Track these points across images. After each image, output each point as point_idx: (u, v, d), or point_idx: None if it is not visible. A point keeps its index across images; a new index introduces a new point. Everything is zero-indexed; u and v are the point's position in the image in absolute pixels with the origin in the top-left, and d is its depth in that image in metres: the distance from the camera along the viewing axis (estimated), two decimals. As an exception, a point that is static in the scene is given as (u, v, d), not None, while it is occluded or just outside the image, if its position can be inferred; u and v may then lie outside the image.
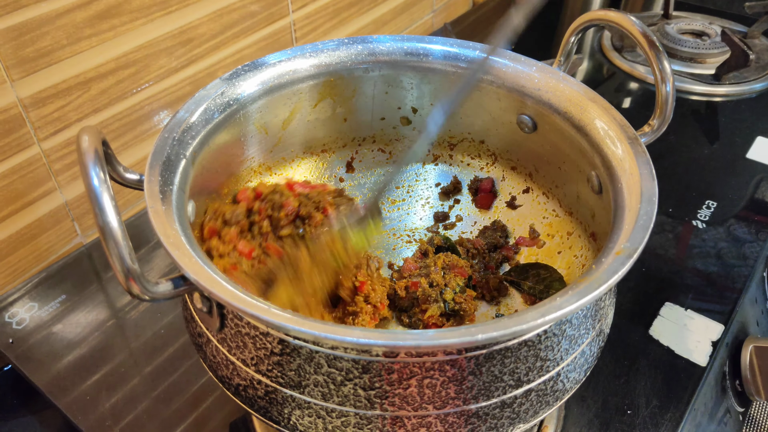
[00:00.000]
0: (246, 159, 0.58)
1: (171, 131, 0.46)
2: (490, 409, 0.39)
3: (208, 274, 0.36)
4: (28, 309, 0.66)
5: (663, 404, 0.57)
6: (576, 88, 0.53)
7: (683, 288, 0.69)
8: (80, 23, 0.63)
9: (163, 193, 0.41)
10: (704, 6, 1.25)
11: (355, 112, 0.62)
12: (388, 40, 0.59)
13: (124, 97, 0.71)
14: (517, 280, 0.57)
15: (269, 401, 0.41)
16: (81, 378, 0.60)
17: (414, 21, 1.16)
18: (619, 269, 0.37)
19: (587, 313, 0.42)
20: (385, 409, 0.38)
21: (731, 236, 0.75)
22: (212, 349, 0.43)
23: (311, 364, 0.38)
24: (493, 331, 0.33)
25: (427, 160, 0.66)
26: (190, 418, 0.57)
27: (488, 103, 0.59)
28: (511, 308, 0.57)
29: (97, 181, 0.33)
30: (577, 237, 0.56)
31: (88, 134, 0.35)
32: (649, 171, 0.44)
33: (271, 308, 0.35)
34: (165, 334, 0.64)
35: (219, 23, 0.77)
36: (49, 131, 0.65)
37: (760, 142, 0.90)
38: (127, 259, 0.33)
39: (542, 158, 0.59)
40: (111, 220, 0.33)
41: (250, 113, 0.55)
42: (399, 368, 0.37)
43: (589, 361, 0.44)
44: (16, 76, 0.60)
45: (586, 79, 1.06)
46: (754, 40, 1.11)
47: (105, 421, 0.56)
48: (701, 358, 0.61)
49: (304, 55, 0.57)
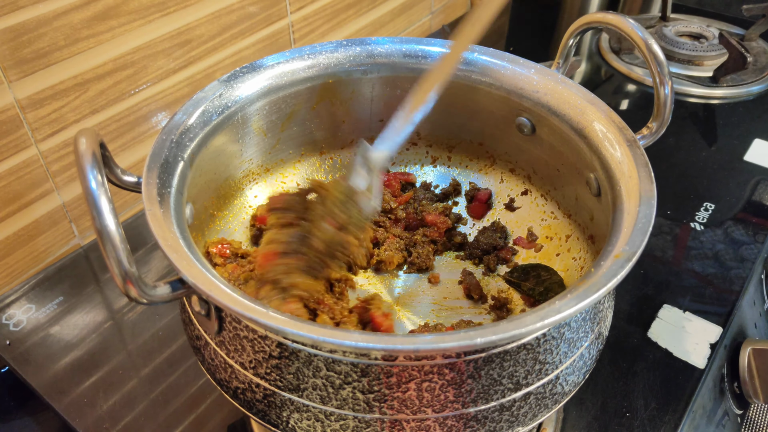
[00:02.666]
0: (244, 161, 0.57)
1: (169, 133, 0.46)
2: (488, 412, 0.39)
3: (206, 278, 0.36)
4: (25, 311, 0.66)
5: (661, 406, 0.57)
6: (575, 90, 0.53)
7: (681, 290, 0.69)
8: (78, 24, 0.63)
9: (161, 196, 0.41)
10: (702, 8, 1.25)
11: (353, 114, 0.62)
12: (387, 42, 0.59)
13: (122, 99, 0.71)
14: (517, 281, 0.57)
15: (268, 404, 0.41)
16: (78, 380, 0.59)
17: (412, 23, 1.16)
18: (618, 272, 0.37)
19: (586, 316, 0.42)
20: (384, 413, 0.38)
21: (729, 238, 0.75)
22: (210, 352, 0.43)
23: (310, 368, 0.38)
24: (492, 334, 0.33)
25: (426, 162, 0.66)
26: (188, 420, 0.57)
27: (487, 105, 0.59)
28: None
29: (95, 184, 0.33)
30: (576, 239, 0.56)
31: (86, 137, 0.35)
32: (648, 174, 0.44)
33: (270, 312, 0.34)
34: (163, 336, 0.64)
35: (217, 24, 0.77)
36: (46, 132, 0.65)
37: (758, 145, 0.90)
38: (124, 263, 0.33)
39: (541, 160, 0.59)
40: (108, 223, 0.33)
41: (248, 115, 0.54)
42: (398, 371, 0.37)
43: (588, 364, 0.44)
44: (13, 77, 0.60)
45: (584, 81, 1.06)
46: (752, 43, 1.11)
47: (102, 424, 0.56)
48: (699, 360, 0.61)
49: (302, 57, 0.57)
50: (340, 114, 0.62)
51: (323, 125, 0.62)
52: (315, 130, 0.62)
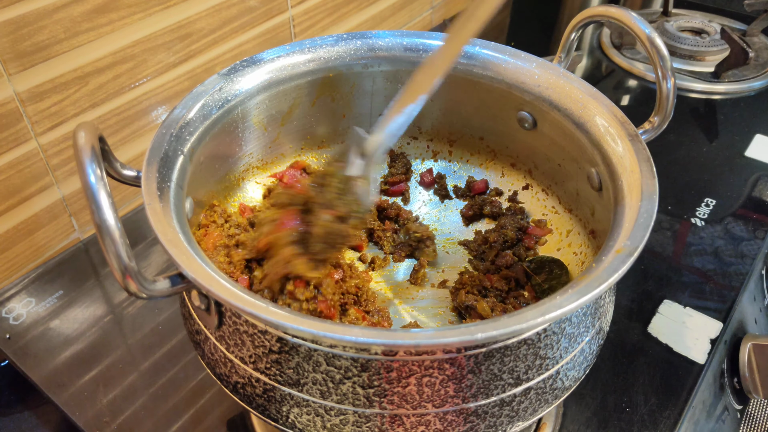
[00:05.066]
0: (244, 155, 0.57)
1: (168, 127, 0.46)
2: (489, 407, 0.39)
3: (206, 272, 0.36)
4: (25, 305, 0.65)
5: (661, 402, 0.57)
6: (576, 84, 0.52)
7: (682, 285, 0.69)
8: (78, 17, 0.63)
9: (160, 190, 0.41)
10: (704, 3, 1.25)
11: (353, 108, 0.62)
12: (388, 35, 0.58)
13: (122, 92, 0.70)
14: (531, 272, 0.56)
15: (267, 399, 0.41)
16: (78, 374, 0.59)
17: (413, 17, 1.15)
18: (620, 268, 0.37)
19: (587, 311, 0.42)
20: (384, 408, 0.38)
21: (730, 234, 0.75)
22: (210, 346, 0.43)
23: (310, 362, 0.38)
24: (493, 330, 0.33)
25: (427, 157, 0.66)
26: (188, 414, 0.57)
27: (488, 99, 0.59)
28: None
29: (94, 179, 0.33)
30: (577, 234, 0.56)
31: (85, 131, 0.35)
32: (650, 169, 0.44)
33: (270, 307, 0.34)
34: (162, 330, 0.64)
35: (218, 18, 0.77)
36: (46, 126, 0.65)
37: (759, 140, 0.90)
38: (124, 257, 0.33)
39: (542, 155, 0.58)
40: (108, 218, 0.33)
41: (248, 109, 0.54)
42: (398, 366, 0.37)
43: (589, 359, 0.44)
44: (13, 70, 0.60)
45: (585, 76, 1.06)
46: (754, 38, 1.10)
47: (102, 417, 0.56)
48: (700, 355, 0.61)
49: (302, 51, 0.56)
50: (340, 108, 0.61)
51: (324, 119, 0.61)
52: (315, 125, 0.61)
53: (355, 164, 0.49)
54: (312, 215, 0.49)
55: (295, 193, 0.49)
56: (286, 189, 0.50)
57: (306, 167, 0.62)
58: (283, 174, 0.61)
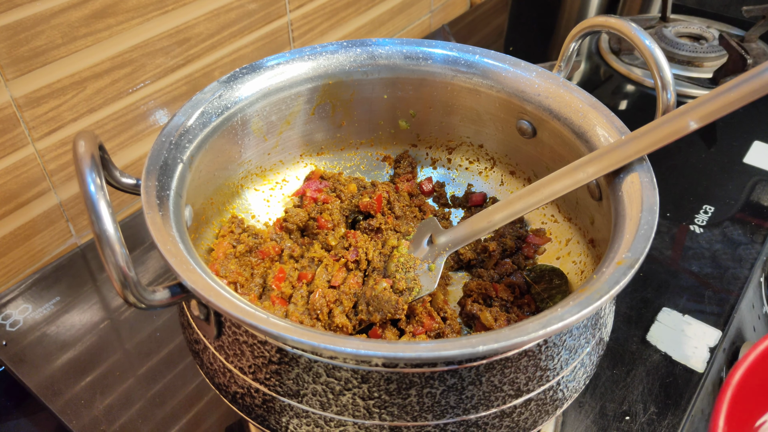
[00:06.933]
0: (243, 162, 0.57)
1: (168, 135, 0.46)
2: (489, 419, 0.39)
3: (205, 282, 0.36)
4: (21, 310, 0.65)
5: (661, 410, 0.57)
6: (576, 94, 0.52)
7: (680, 293, 0.69)
8: (75, 22, 0.62)
9: (160, 199, 0.41)
10: (702, 9, 1.25)
11: (353, 116, 0.62)
12: (387, 43, 0.58)
13: (119, 97, 0.70)
14: (531, 281, 0.56)
15: (267, 410, 0.40)
16: (75, 380, 0.59)
17: (411, 21, 1.15)
18: (621, 279, 0.37)
19: (588, 323, 0.42)
20: (384, 419, 0.38)
21: (728, 241, 0.75)
22: (209, 356, 0.43)
23: (310, 374, 0.38)
24: (494, 342, 0.33)
25: (426, 164, 0.66)
26: (185, 420, 0.57)
27: (488, 107, 0.58)
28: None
29: (94, 188, 0.33)
30: (576, 243, 0.56)
31: (85, 139, 0.35)
32: (650, 179, 0.44)
33: (270, 318, 0.34)
34: (159, 336, 0.63)
35: (216, 23, 0.77)
36: (43, 131, 0.65)
37: (757, 147, 0.90)
38: (123, 268, 0.33)
39: (541, 163, 0.58)
40: (107, 227, 0.32)
41: (247, 116, 0.54)
42: (398, 378, 0.37)
43: (589, 370, 0.44)
44: (10, 76, 0.60)
45: (584, 81, 1.06)
46: (752, 44, 1.11)
47: (99, 424, 0.56)
48: (699, 364, 0.61)
49: (302, 58, 0.56)
50: (340, 116, 0.61)
51: (323, 127, 0.61)
52: (315, 132, 0.61)
53: (423, 249, 0.55)
54: (369, 278, 0.53)
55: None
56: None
57: (322, 174, 0.62)
58: (304, 190, 0.61)
